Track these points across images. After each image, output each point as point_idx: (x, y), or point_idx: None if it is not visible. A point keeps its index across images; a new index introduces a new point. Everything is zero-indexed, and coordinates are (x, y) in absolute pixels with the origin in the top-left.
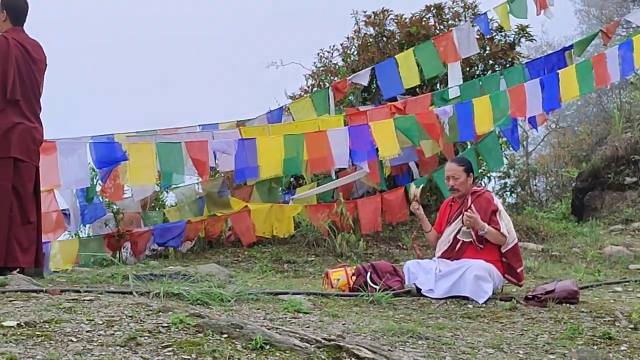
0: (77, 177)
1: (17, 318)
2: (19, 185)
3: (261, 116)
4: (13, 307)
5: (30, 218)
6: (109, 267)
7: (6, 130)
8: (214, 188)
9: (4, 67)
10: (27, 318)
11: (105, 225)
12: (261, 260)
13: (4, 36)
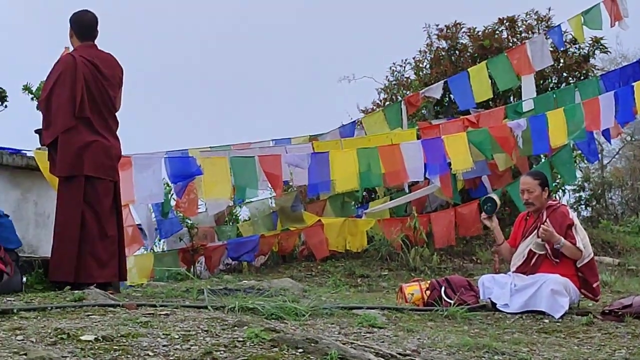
0: (151, 192)
1: (95, 332)
2: (94, 201)
3: (334, 130)
4: (90, 321)
5: (108, 232)
6: (184, 282)
7: (79, 148)
8: (287, 202)
9: (72, 85)
10: (105, 332)
11: (179, 240)
12: (334, 275)
13: (71, 54)
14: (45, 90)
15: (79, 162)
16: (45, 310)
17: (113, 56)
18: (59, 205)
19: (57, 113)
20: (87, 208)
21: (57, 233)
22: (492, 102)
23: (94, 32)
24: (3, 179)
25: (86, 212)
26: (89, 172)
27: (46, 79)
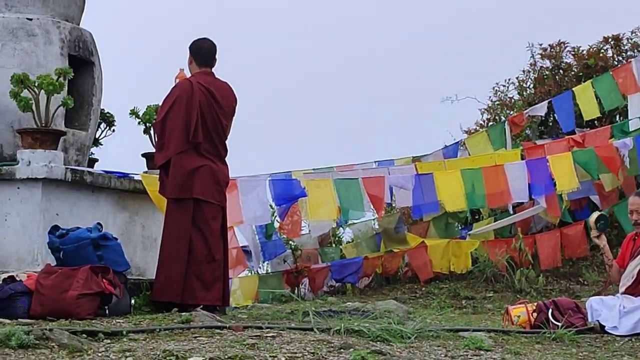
0: (256, 214)
1: (203, 354)
2: (202, 224)
3: (437, 151)
4: (198, 343)
5: (215, 256)
6: (288, 303)
7: (190, 171)
8: (391, 224)
9: (188, 110)
10: (212, 354)
11: (283, 262)
12: (439, 297)
13: (188, 79)
14: (161, 112)
15: (189, 184)
16: (153, 332)
17: (229, 85)
18: (167, 226)
19: (171, 136)
20: (195, 231)
21: (164, 254)
22: (597, 121)
23: (213, 60)
24: (111, 202)
25: (194, 235)
26: (198, 195)
27: (163, 101)
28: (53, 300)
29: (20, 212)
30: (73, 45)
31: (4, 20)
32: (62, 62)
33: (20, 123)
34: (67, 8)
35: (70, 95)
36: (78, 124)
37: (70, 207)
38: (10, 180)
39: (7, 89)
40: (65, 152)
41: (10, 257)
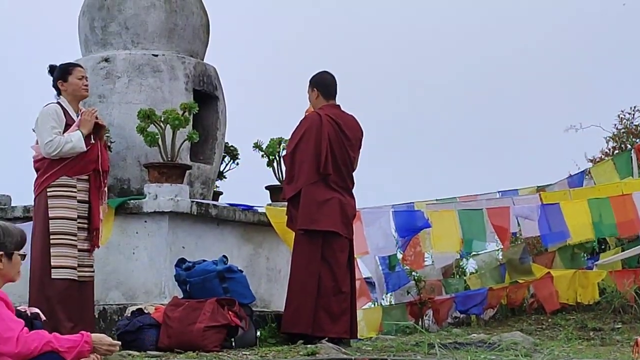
0: (379, 245)
1: None
2: (330, 257)
3: (562, 181)
4: None
5: (342, 288)
6: (413, 335)
7: (319, 203)
8: (515, 254)
9: (318, 142)
10: None
11: (407, 293)
12: (566, 328)
13: (317, 112)
14: (290, 145)
15: (318, 217)
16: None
17: (355, 118)
18: (296, 259)
19: (301, 168)
20: (323, 263)
21: (293, 286)
22: None
23: (336, 92)
24: (236, 235)
25: (322, 268)
26: (326, 227)
27: (292, 134)
28: (180, 333)
29: (147, 246)
30: (197, 80)
31: (130, 56)
32: (187, 97)
33: (147, 157)
34: (192, 44)
35: (195, 130)
36: (203, 158)
37: (196, 240)
38: (138, 214)
39: (134, 124)
40: (191, 185)
41: (138, 289)
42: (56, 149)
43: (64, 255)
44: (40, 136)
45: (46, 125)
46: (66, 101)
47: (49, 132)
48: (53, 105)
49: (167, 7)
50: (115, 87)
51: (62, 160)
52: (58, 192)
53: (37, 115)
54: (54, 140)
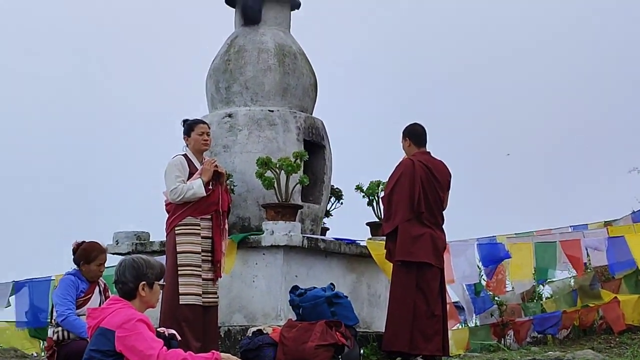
0: (465, 273)
1: None
2: (423, 284)
3: (626, 216)
4: None
5: (435, 312)
6: (496, 352)
7: (414, 238)
8: (586, 281)
9: (411, 185)
10: None
11: (491, 316)
12: (632, 346)
13: (410, 159)
14: (388, 187)
15: (413, 250)
16: None
17: (444, 163)
18: (394, 286)
19: (397, 207)
20: (418, 290)
21: (392, 310)
22: None
23: (426, 141)
24: (341, 265)
25: (417, 294)
26: (420, 259)
27: (389, 178)
28: (295, 351)
29: (265, 275)
30: (307, 131)
31: (250, 112)
32: (299, 147)
33: (264, 199)
34: (302, 100)
35: (305, 174)
36: (312, 199)
37: (307, 270)
38: (257, 247)
39: (254, 170)
40: (302, 222)
41: (257, 313)
42: (179, 195)
43: (190, 284)
44: (167, 184)
45: (171, 175)
46: (190, 152)
47: (173, 181)
48: (178, 157)
49: (281, 69)
50: (237, 139)
51: (187, 203)
52: (184, 230)
53: (166, 166)
54: (178, 187)
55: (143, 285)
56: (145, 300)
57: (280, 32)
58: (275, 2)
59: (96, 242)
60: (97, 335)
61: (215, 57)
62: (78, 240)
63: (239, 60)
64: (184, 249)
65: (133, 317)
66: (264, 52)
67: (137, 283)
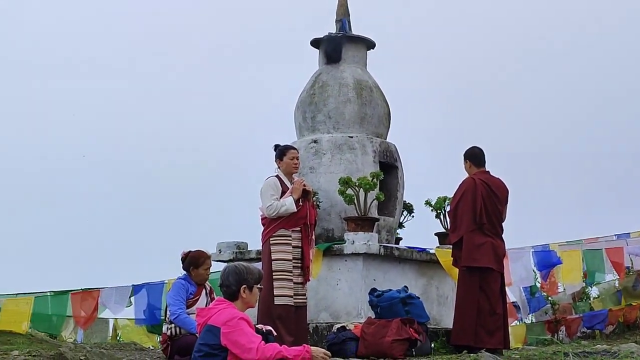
0: (522, 277)
1: None
2: (485, 286)
3: None
4: None
5: (496, 310)
6: (550, 346)
7: (477, 246)
8: (629, 283)
9: (473, 200)
10: None
11: (545, 314)
12: None
13: (472, 177)
14: (453, 202)
15: (476, 256)
16: None
17: (502, 180)
18: (460, 288)
19: (462, 220)
20: (481, 291)
21: (459, 309)
22: None
23: (484, 161)
24: (413, 270)
25: (480, 295)
26: (483, 264)
27: (454, 194)
28: (374, 344)
29: (347, 279)
30: (382, 154)
31: (332, 138)
32: (375, 167)
33: (346, 213)
34: (377, 127)
35: (381, 191)
36: (387, 212)
37: (383, 274)
38: (340, 255)
39: (336, 188)
40: (379, 233)
41: (341, 311)
42: (275, 211)
43: (283, 287)
44: (263, 201)
45: (267, 194)
46: (282, 174)
47: (269, 198)
48: (272, 178)
49: (359, 101)
50: (322, 161)
51: (280, 218)
52: (278, 240)
53: (261, 186)
54: (273, 204)
55: (244, 288)
56: (245, 301)
57: (358, 69)
58: (353, 43)
59: (202, 250)
60: (205, 331)
61: (302, 92)
62: (185, 250)
63: (323, 93)
64: (277, 256)
65: (236, 316)
66: (344, 86)
67: (239, 286)
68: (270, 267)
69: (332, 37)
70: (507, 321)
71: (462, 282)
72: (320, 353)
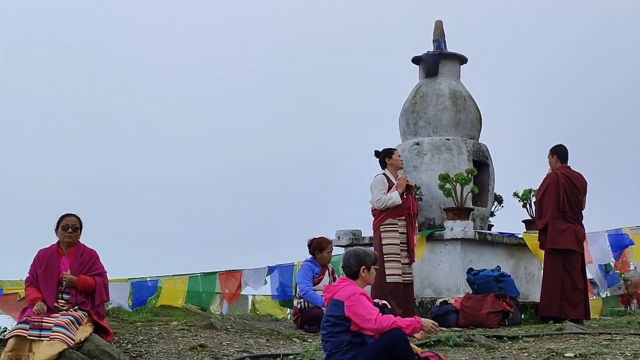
0: (598, 257)
1: (574, 351)
2: (568, 265)
3: None
4: (569, 344)
5: (578, 286)
6: (624, 317)
7: (560, 231)
8: None
9: (557, 191)
10: (580, 351)
11: (619, 289)
12: None
13: (555, 172)
14: (539, 194)
15: (560, 240)
16: (539, 337)
17: (581, 174)
18: (546, 268)
19: (546, 209)
20: (564, 270)
21: (545, 286)
22: None
23: (568, 158)
24: (504, 252)
25: (563, 273)
26: (566, 246)
27: (539, 186)
28: (472, 316)
29: (447, 260)
30: (475, 153)
31: (432, 141)
32: (469, 165)
33: (444, 204)
34: (470, 130)
35: (475, 185)
36: (480, 203)
37: (478, 256)
38: (441, 240)
39: (436, 183)
40: (474, 221)
41: (442, 288)
42: (382, 204)
43: (393, 267)
44: (373, 195)
45: (376, 189)
46: (388, 171)
47: (377, 193)
48: (380, 175)
49: (454, 108)
50: (423, 161)
51: (388, 209)
52: (387, 228)
53: (371, 182)
54: (382, 198)
55: (363, 268)
56: (364, 279)
57: (453, 81)
58: (448, 59)
59: (324, 237)
60: (332, 305)
61: (405, 102)
62: (311, 237)
63: (423, 103)
64: (387, 242)
65: (357, 292)
66: (441, 96)
67: (359, 267)
68: (382, 251)
69: (430, 54)
70: (587, 295)
71: (547, 262)
72: (429, 323)
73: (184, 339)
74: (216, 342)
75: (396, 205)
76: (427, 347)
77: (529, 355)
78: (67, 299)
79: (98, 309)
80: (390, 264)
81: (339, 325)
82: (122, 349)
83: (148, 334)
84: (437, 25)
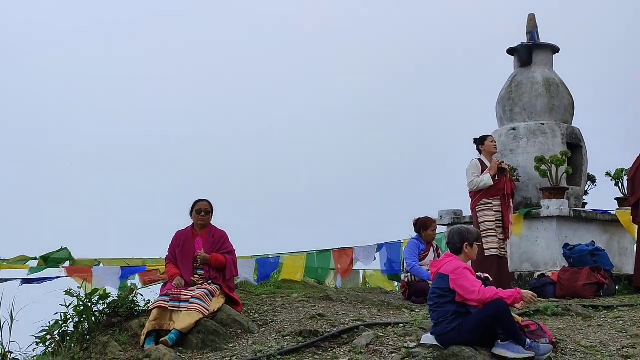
0: None
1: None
2: None
3: None
4: None
5: None
6: None
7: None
8: None
9: None
10: None
11: None
12: None
13: None
14: (631, 172)
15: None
16: (632, 306)
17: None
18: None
19: (638, 185)
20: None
21: (639, 258)
22: None
23: None
24: (598, 228)
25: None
26: None
27: (632, 164)
28: (569, 287)
29: (544, 236)
30: (569, 136)
31: (527, 126)
32: (563, 147)
33: (540, 184)
34: (564, 115)
35: (569, 166)
36: (574, 183)
37: (573, 232)
38: (538, 218)
39: (532, 165)
40: (568, 200)
41: (540, 262)
42: (475, 186)
43: (490, 242)
44: (468, 178)
45: (470, 172)
46: (483, 156)
47: (470, 176)
48: (475, 160)
49: (548, 95)
50: (520, 144)
51: (481, 190)
52: (483, 207)
53: (467, 166)
54: (474, 181)
55: (466, 245)
56: (467, 254)
57: (546, 69)
58: (541, 50)
59: (429, 216)
60: (438, 278)
61: (501, 90)
62: (416, 217)
63: (518, 91)
64: (484, 219)
65: (460, 266)
66: (535, 84)
67: (462, 244)
68: (479, 228)
69: (524, 45)
70: None
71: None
72: (529, 294)
73: (304, 309)
74: (333, 312)
75: (488, 186)
76: (527, 317)
77: (623, 324)
78: (201, 274)
79: (229, 282)
80: (488, 239)
81: (444, 297)
82: (250, 318)
83: (272, 305)
84: (530, 18)
